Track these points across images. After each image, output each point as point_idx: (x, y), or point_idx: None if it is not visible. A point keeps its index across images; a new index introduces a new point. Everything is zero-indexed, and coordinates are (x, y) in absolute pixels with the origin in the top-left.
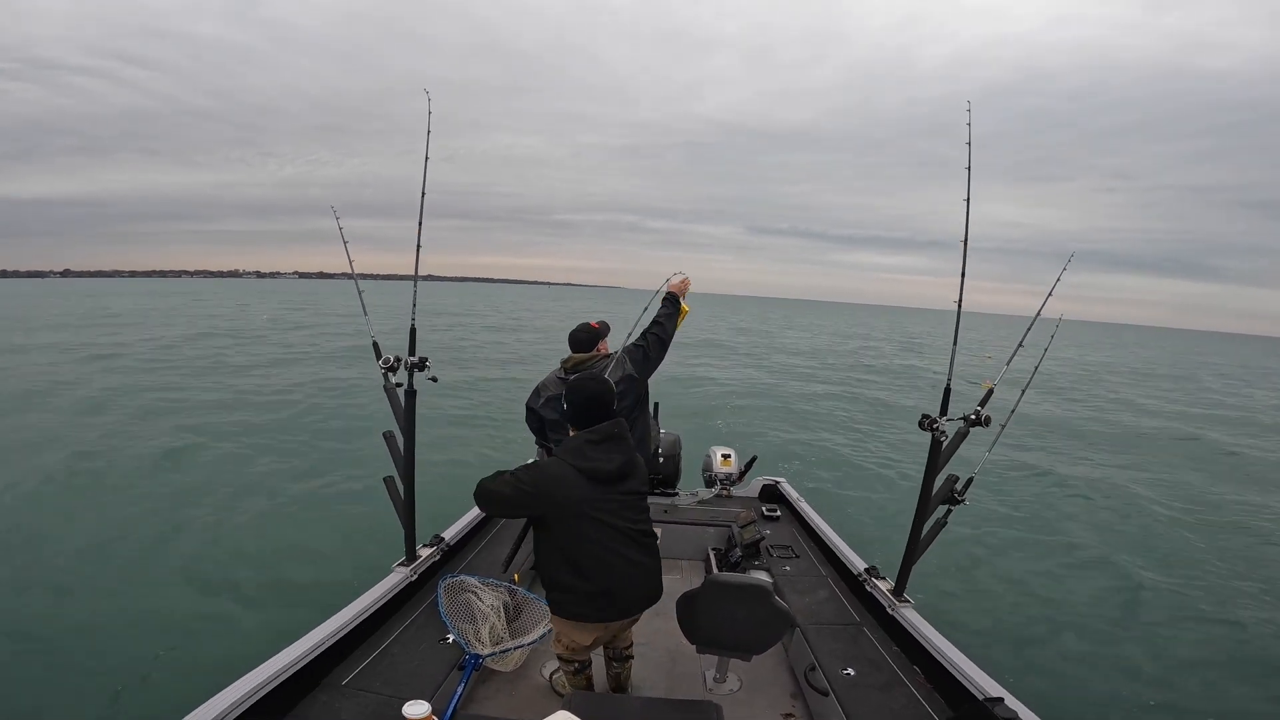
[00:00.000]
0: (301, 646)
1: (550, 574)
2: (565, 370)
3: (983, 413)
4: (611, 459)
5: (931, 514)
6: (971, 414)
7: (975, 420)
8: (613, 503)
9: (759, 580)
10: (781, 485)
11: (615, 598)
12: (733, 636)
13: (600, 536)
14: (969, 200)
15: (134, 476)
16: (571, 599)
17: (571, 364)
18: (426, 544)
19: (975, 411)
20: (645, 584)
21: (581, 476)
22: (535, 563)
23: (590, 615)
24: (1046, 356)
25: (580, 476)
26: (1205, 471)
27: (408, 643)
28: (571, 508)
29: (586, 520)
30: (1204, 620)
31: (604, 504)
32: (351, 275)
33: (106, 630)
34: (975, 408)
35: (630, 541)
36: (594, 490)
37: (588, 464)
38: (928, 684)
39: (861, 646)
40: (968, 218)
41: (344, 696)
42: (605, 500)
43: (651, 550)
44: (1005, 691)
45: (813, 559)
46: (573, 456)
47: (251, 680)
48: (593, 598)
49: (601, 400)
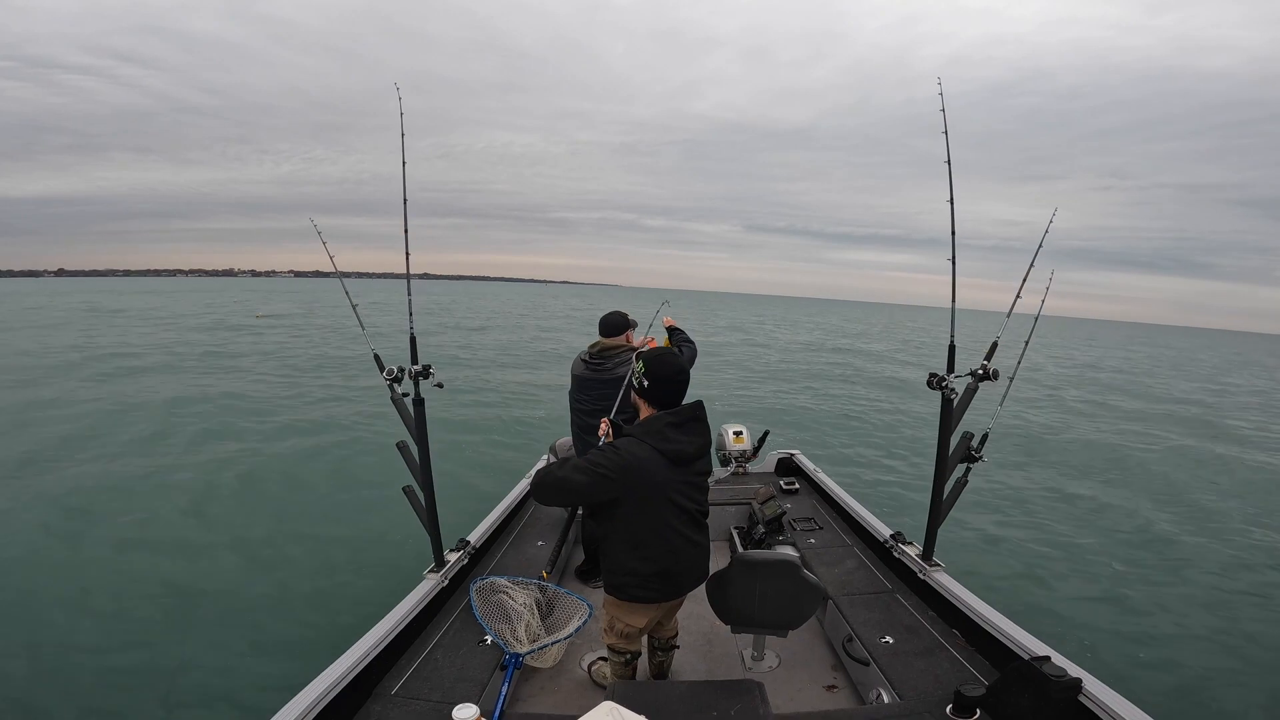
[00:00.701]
0: (348, 659)
1: (615, 558)
2: (590, 354)
3: (990, 366)
4: (693, 441)
5: (951, 473)
6: (979, 369)
7: (983, 374)
8: (685, 484)
9: (786, 555)
10: (797, 457)
11: (671, 577)
12: (766, 614)
13: (670, 518)
14: (949, 162)
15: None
16: (633, 581)
17: (598, 349)
18: (453, 549)
19: (982, 366)
20: (701, 563)
21: (663, 459)
22: (600, 545)
23: (647, 596)
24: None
25: (661, 458)
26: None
27: (448, 647)
28: (651, 490)
29: (663, 502)
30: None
31: (679, 485)
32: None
33: (122, 652)
34: (982, 362)
35: (692, 521)
36: (671, 472)
37: (670, 446)
38: (969, 646)
39: (896, 613)
40: (952, 202)
41: (395, 705)
42: (680, 482)
43: (706, 530)
44: (1051, 649)
45: (836, 529)
46: (655, 438)
47: (306, 697)
48: (651, 579)
49: (684, 379)
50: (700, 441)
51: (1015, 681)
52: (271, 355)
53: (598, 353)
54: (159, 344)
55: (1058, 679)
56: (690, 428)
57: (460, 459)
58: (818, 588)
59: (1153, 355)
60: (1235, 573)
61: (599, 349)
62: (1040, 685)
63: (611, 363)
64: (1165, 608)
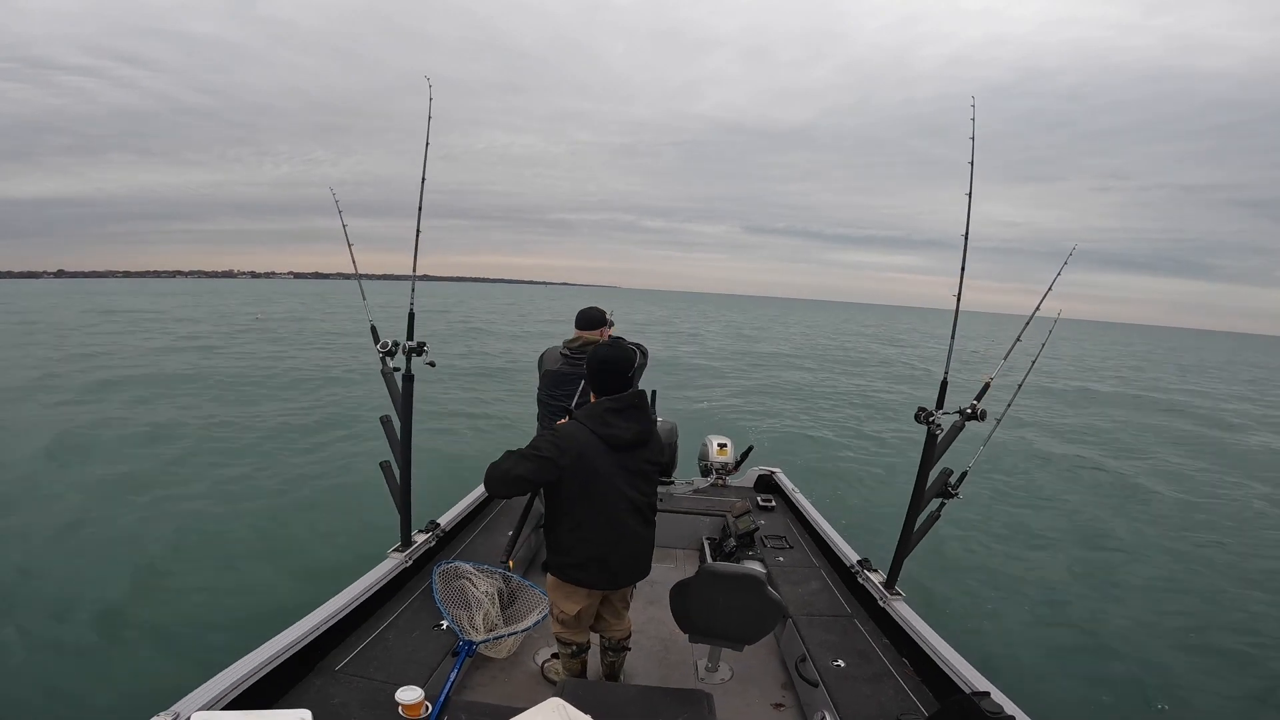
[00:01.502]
0: (296, 631)
1: (555, 535)
2: (570, 348)
3: (979, 406)
4: (630, 427)
5: (925, 507)
6: (967, 408)
7: (971, 414)
8: (626, 471)
9: (753, 570)
10: (777, 475)
11: (609, 565)
12: (725, 626)
13: (609, 503)
14: (970, 194)
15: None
16: (569, 562)
17: (578, 343)
18: (422, 530)
19: (971, 405)
20: (642, 556)
21: (601, 443)
22: (544, 523)
23: (583, 580)
24: (1044, 355)
25: (599, 442)
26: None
27: (402, 629)
28: (590, 474)
29: (600, 485)
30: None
31: (618, 472)
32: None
33: (94, 615)
34: (971, 401)
35: (635, 512)
36: (610, 457)
37: (608, 430)
38: (916, 676)
39: (852, 638)
40: (969, 215)
41: (338, 681)
42: (619, 468)
43: (651, 524)
44: (991, 685)
45: (806, 550)
46: (593, 422)
47: (246, 664)
48: (588, 563)
49: (619, 365)
50: (637, 429)
51: (952, 714)
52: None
53: (578, 347)
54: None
55: (992, 714)
56: (629, 414)
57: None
58: (778, 605)
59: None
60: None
61: (579, 343)
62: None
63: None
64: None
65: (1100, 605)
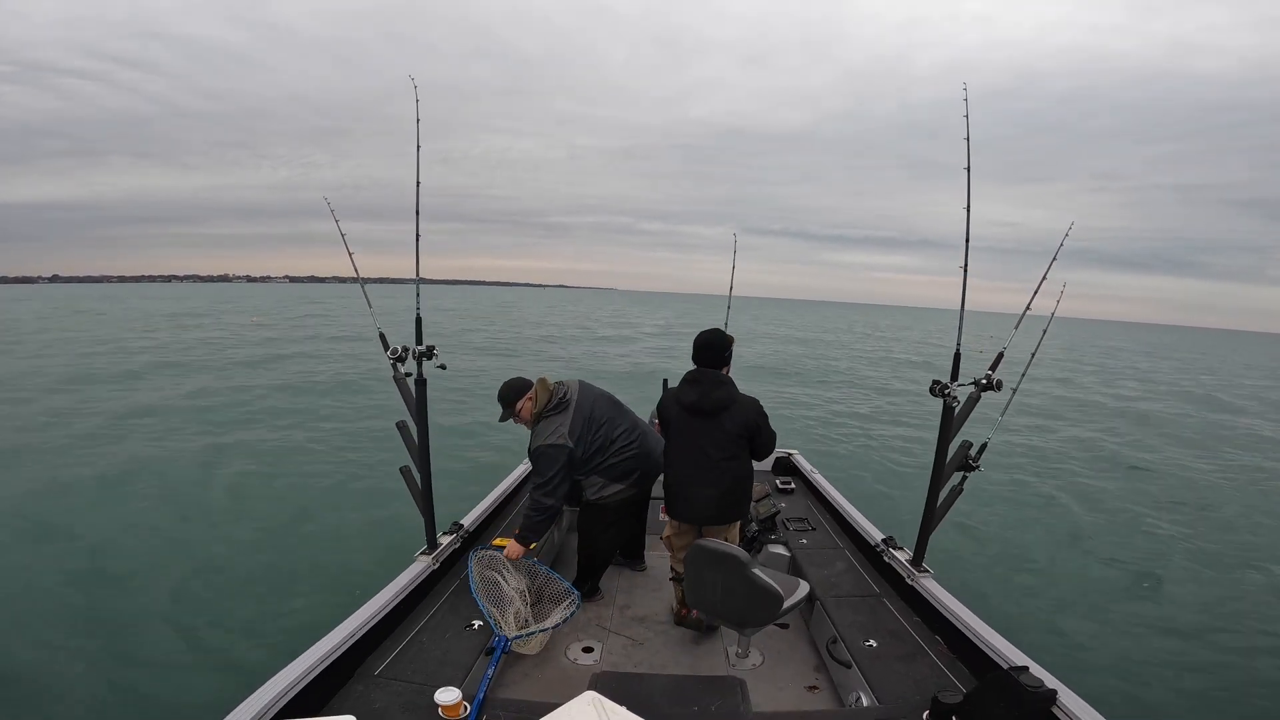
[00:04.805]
0: (334, 639)
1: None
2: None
3: (994, 377)
4: (689, 395)
5: (947, 481)
6: (982, 378)
7: (986, 384)
8: (696, 428)
9: (734, 550)
10: (795, 457)
11: (682, 497)
12: (723, 607)
13: (684, 452)
14: (969, 187)
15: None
16: (667, 495)
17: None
18: (446, 531)
19: (986, 376)
20: (706, 498)
21: (676, 403)
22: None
23: (671, 510)
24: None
25: (675, 402)
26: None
27: (435, 630)
28: (669, 421)
29: (677, 435)
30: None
31: (689, 427)
32: (354, 273)
33: (128, 625)
34: (986, 372)
35: (704, 465)
36: (682, 414)
37: (682, 396)
38: (950, 653)
39: (882, 617)
40: (969, 210)
41: (377, 686)
42: (690, 424)
43: (715, 481)
44: (1029, 660)
45: (829, 531)
46: (677, 387)
47: (288, 675)
48: (674, 498)
49: (714, 344)
50: (696, 395)
51: (992, 690)
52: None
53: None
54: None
55: (1033, 689)
56: (696, 387)
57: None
58: (768, 589)
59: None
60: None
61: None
62: (1015, 695)
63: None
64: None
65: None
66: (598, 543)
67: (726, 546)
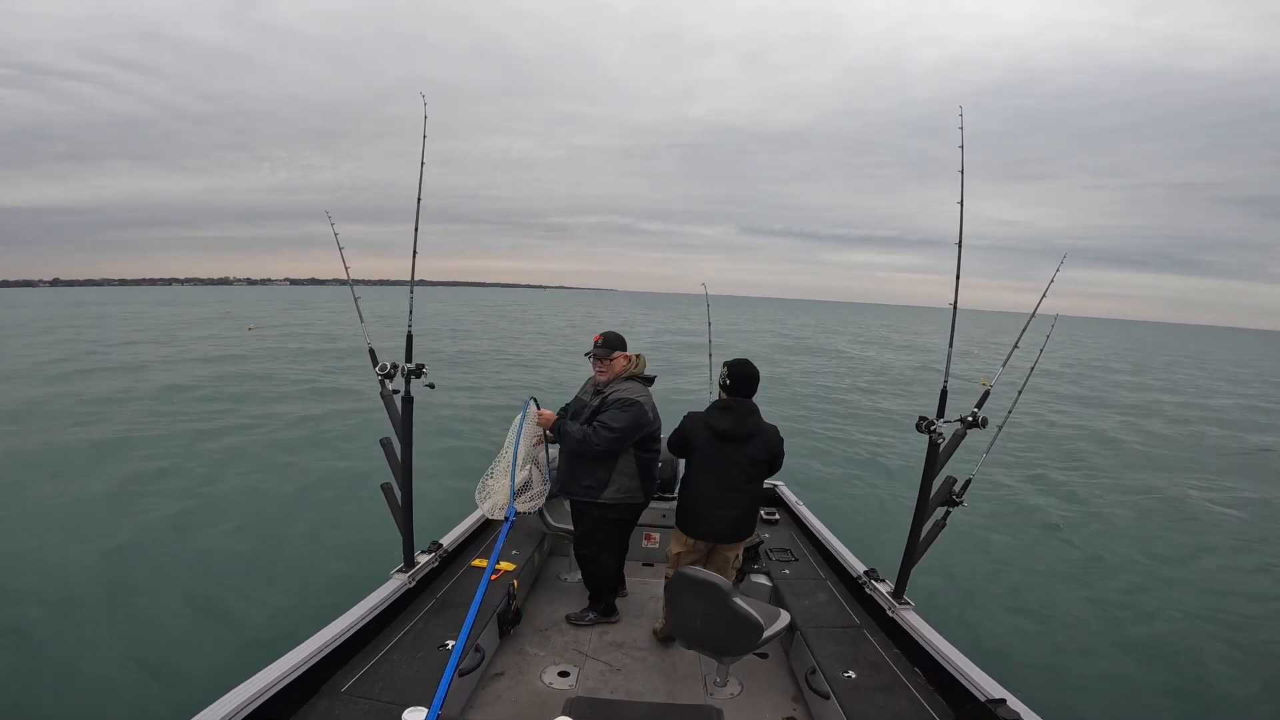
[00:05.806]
0: (301, 653)
1: (680, 491)
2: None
3: (979, 414)
4: (723, 421)
5: (930, 516)
6: (968, 415)
7: (972, 422)
8: (725, 453)
9: (715, 578)
10: (780, 489)
11: (707, 522)
12: (701, 635)
13: (709, 474)
14: (962, 203)
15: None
16: (682, 513)
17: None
18: (425, 550)
19: (972, 413)
20: (723, 520)
21: (704, 428)
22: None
23: (686, 529)
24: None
25: (705, 427)
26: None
27: (407, 649)
28: (695, 445)
29: (703, 458)
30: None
31: (717, 451)
32: (347, 280)
33: (93, 638)
34: (972, 409)
35: (728, 487)
36: (711, 439)
37: (711, 421)
38: (929, 686)
39: (862, 649)
40: (961, 221)
41: (343, 704)
42: (720, 449)
43: (736, 503)
44: (1007, 692)
45: (812, 562)
46: (706, 413)
47: (251, 687)
48: (691, 517)
49: (750, 381)
50: (727, 424)
51: None
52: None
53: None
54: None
55: None
56: (731, 415)
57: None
58: (751, 620)
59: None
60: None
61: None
62: None
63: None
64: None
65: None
66: (599, 558)
67: (708, 575)
